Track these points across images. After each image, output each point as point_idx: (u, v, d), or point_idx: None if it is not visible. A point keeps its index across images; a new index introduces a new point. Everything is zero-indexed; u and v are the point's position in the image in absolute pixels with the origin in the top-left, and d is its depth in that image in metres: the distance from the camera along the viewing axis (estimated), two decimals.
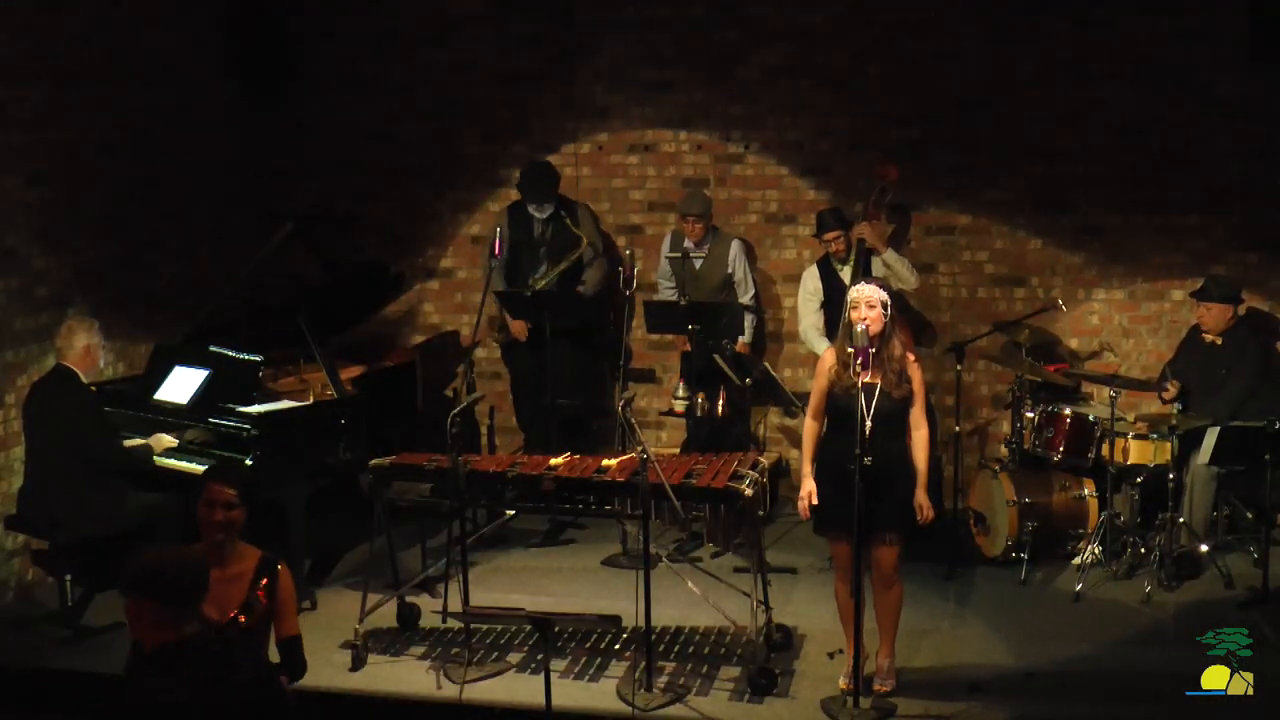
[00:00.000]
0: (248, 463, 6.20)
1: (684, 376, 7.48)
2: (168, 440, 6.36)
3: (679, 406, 7.45)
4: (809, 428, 5.49)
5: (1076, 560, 6.78)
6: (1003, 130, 7.74)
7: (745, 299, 7.71)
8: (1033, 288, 7.86)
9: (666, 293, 7.74)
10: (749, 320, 7.70)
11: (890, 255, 7.29)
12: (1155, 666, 5.66)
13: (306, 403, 6.74)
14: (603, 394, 8.07)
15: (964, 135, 7.79)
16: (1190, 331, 7.24)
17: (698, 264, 7.66)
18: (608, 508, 5.86)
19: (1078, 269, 7.81)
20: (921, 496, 5.34)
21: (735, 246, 7.75)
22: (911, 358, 5.37)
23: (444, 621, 6.03)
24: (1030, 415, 7.09)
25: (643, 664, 5.46)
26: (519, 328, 7.71)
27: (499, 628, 6.02)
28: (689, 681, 5.57)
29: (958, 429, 7.24)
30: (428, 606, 6.22)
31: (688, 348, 7.26)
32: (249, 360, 6.56)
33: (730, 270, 7.68)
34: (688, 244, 7.66)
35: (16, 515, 6.29)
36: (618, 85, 8.22)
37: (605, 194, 8.32)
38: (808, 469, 5.44)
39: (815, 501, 5.38)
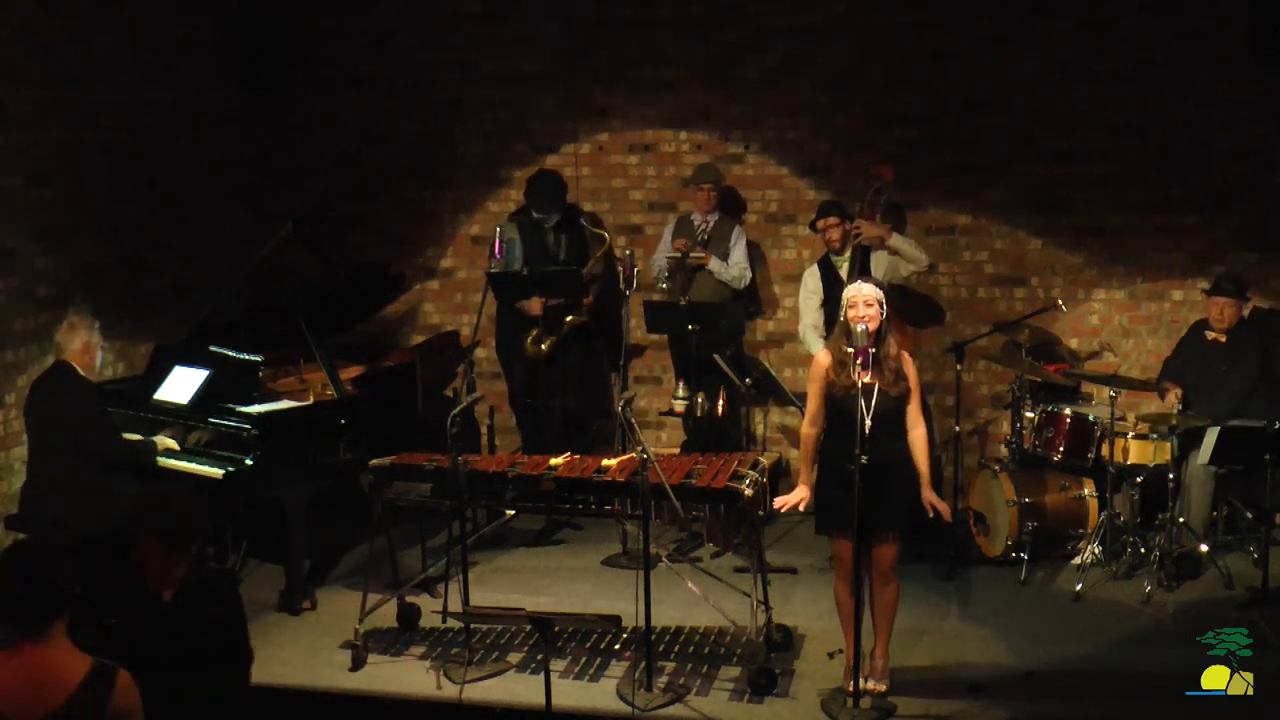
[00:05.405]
0: (248, 462, 6.21)
1: (683, 376, 7.48)
2: (169, 442, 6.35)
3: (679, 406, 7.45)
4: (807, 434, 5.43)
5: (1076, 560, 6.78)
6: (1003, 130, 7.74)
7: (739, 282, 7.70)
8: (1033, 288, 7.85)
9: (662, 286, 7.75)
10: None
11: (895, 239, 7.22)
12: (1155, 666, 5.66)
13: (306, 403, 6.73)
14: (603, 394, 8.06)
15: (964, 135, 7.79)
16: (1190, 330, 7.23)
17: (701, 236, 7.68)
18: (608, 508, 5.86)
19: (1078, 269, 7.81)
20: (931, 495, 5.32)
21: (739, 229, 7.79)
22: (906, 355, 5.36)
23: (444, 621, 6.03)
24: (1030, 415, 7.09)
25: (643, 664, 5.45)
26: (536, 305, 7.55)
27: (499, 628, 6.02)
28: (689, 681, 5.57)
29: (958, 429, 7.24)
30: (428, 606, 6.21)
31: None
32: (249, 360, 6.55)
33: (730, 245, 7.70)
34: (695, 218, 7.73)
35: (17, 514, 6.28)
36: (618, 85, 8.22)
37: (605, 194, 8.32)
38: (806, 476, 5.43)
39: (802, 508, 5.40)
